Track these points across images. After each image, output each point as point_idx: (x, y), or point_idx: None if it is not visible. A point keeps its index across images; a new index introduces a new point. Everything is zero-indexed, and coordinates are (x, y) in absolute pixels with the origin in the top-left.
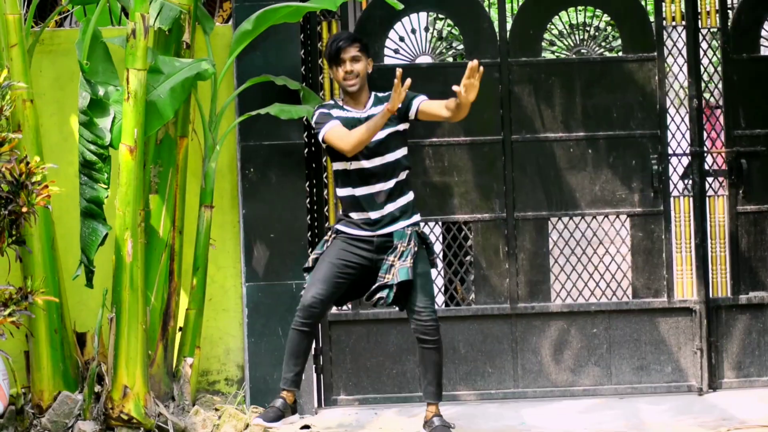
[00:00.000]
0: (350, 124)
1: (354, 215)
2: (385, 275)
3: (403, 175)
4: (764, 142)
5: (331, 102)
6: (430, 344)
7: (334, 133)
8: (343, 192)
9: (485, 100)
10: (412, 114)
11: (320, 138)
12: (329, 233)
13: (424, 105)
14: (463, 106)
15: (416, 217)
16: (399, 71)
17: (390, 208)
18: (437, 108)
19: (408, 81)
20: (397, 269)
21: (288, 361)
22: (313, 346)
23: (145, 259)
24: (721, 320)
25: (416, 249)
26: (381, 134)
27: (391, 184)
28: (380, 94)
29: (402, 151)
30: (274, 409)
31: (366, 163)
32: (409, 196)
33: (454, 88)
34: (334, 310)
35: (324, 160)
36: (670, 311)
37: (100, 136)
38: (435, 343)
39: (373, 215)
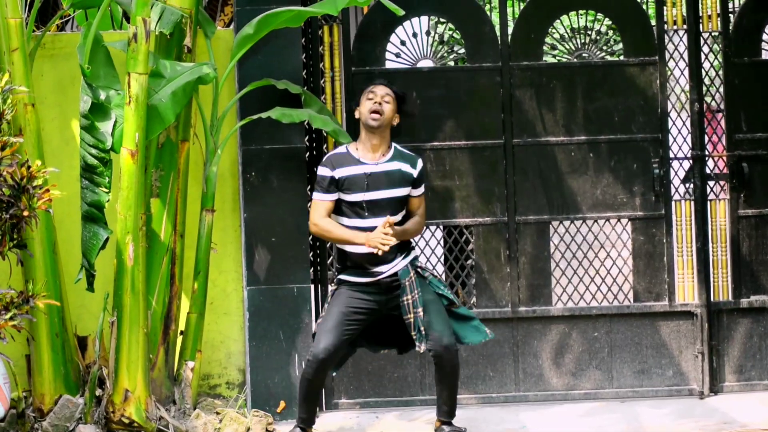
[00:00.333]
0: (358, 180)
1: (362, 265)
2: (407, 315)
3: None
4: (765, 145)
5: (344, 151)
6: (449, 368)
7: (315, 209)
8: (351, 248)
9: (486, 104)
10: (414, 194)
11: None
12: (332, 285)
13: (414, 199)
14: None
15: (415, 251)
16: (389, 220)
17: (395, 254)
18: (412, 210)
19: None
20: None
21: (302, 403)
22: None
23: (147, 263)
24: (723, 324)
25: (430, 278)
26: (391, 194)
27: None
28: (402, 150)
29: (404, 212)
30: None
31: (368, 223)
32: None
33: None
34: None
35: None
36: (672, 315)
37: (102, 140)
38: (454, 368)
39: (383, 268)
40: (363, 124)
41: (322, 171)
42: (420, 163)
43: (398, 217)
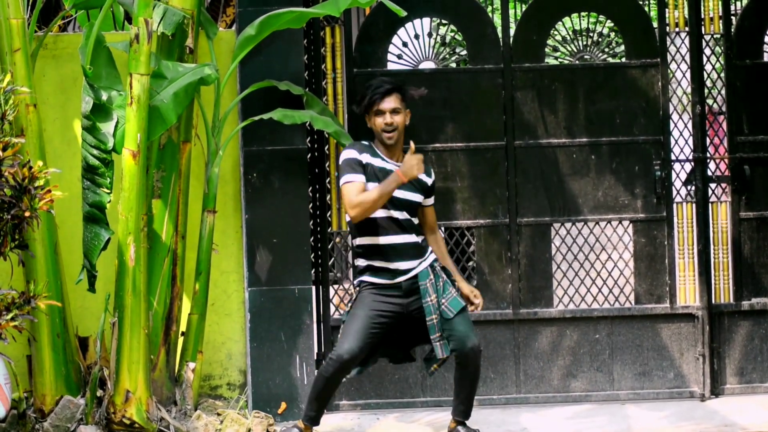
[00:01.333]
0: (385, 173)
1: (378, 263)
2: (431, 316)
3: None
4: (767, 148)
5: (366, 144)
6: (472, 369)
7: (349, 191)
8: (365, 240)
9: (488, 106)
10: (425, 203)
11: (339, 182)
12: (355, 288)
13: (428, 209)
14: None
15: (433, 255)
16: (412, 145)
17: (415, 256)
18: (427, 217)
19: (412, 145)
20: (447, 303)
21: (313, 401)
22: (316, 350)
23: (148, 264)
24: (724, 326)
25: (445, 278)
26: (410, 197)
27: (414, 237)
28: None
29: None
30: None
31: (388, 214)
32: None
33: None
34: (336, 315)
35: (327, 165)
36: (673, 317)
37: (103, 140)
38: (476, 369)
39: (402, 265)
40: (377, 137)
41: (349, 154)
42: (433, 174)
43: (413, 221)
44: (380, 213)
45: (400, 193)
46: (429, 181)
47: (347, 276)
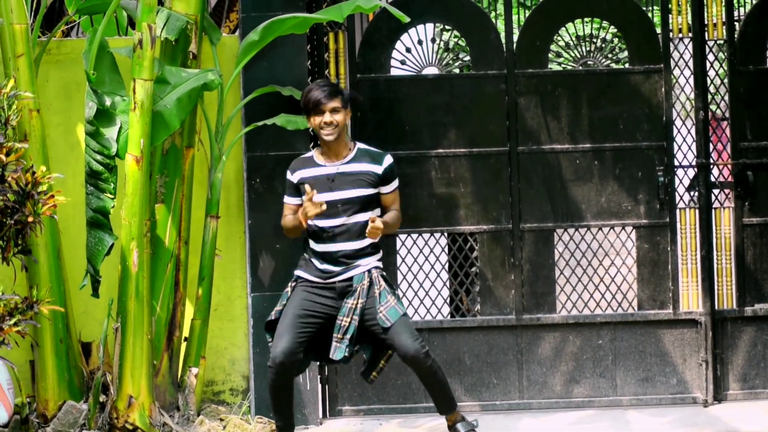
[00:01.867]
0: (317, 180)
1: (316, 263)
2: (344, 317)
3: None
4: None
5: (307, 156)
6: (426, 370)
7: (283, 211)
8: (314, 245)
9: (491, 112)
10: (383, 191)
11: None
12: (290, 282)
13: (386, 197)
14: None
15: (377, 258)
16: (308, 188)
17: (352, 259)
18: (386, 207)
19: (314, 192)
20: (385, 313)
21: (275, 412)
22: None
23: (151, 269)
24: (727, 332)
25: (384, 286)
26: (354, 194)
27: (357, 244)
28: (368, 149)
29: (370, 214)
30: None
31: (328, 222)
32: (375, 246)
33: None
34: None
35: None
36: (676, 323)
37: (107, 146)
38: (430, 368)
39: (337, 268)
40: (318, 137)
41: (287, 174)
42: (387, 160)
43: (370, 214)
44: (326, 222)
45: (342, 194)
46: (378, 169)
47: None
